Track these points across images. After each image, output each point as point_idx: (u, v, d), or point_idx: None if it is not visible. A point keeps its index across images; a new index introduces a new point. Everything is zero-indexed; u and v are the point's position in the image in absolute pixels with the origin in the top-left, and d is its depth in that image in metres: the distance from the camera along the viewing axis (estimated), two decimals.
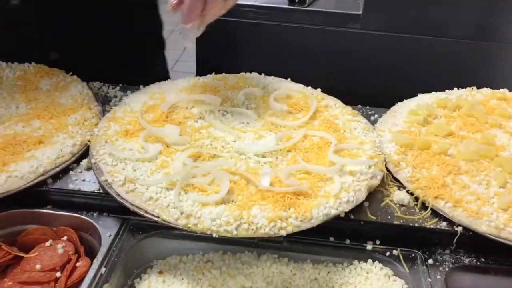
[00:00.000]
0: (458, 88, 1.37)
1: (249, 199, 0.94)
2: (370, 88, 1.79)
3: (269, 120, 1.19)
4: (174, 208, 0.92)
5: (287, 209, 0.92)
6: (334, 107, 1.24)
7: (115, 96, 1.31)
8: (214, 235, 0.89)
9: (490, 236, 0.93)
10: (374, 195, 1.03)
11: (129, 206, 0.94)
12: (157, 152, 1.06)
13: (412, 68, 1.93)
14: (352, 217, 0.97)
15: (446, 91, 1.36)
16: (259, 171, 1.02)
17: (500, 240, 0.93)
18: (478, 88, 1.37)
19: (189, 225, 0.90)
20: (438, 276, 0.91)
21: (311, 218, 0.92)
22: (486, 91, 1.36)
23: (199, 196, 0.94)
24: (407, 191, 1.03)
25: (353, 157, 1.06)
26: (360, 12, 2.00)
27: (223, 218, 0.90)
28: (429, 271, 0.92)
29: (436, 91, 1.37)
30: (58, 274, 0.92)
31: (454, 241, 0.96)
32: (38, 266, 0.92)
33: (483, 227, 0.94)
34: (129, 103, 1.21)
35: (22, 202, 1.00)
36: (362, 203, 0.99)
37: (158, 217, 0.92)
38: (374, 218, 0.98)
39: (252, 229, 0.89)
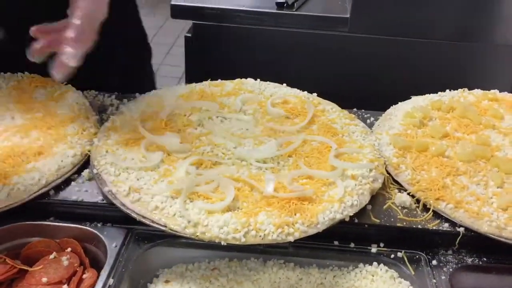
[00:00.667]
0: (450, 90, 1.39)
1: (254, 205, 0.95)
2: (361, 91, 1.81)
3: (267, 126, 1.19)
4: (180, 217, 0.92)
5: (293, 215, 0.93)
6: (330, 111, 1.26)
7: (111, 105, 1.30)
8: (223, 243, 0.89)
9: (492, 236, 0.96)
10: (376, 198, 1.04)
11: (136, 216, 0.94)
12: (159, 160, 1.05)
13: (401, 70, 1.96)
14: (356, 220, 0.98)
15: (439, 93, 1.38)
16: (262, 177, 1.02)
17: (501, 239, 0.95)
18: (469, 89, 1.40)
19: (197, 234, 0.90)
20: (443, 277, 0.93)
21: (317, 223, 0.93)
22: (477, 92, 1.38)
23: (204, 204, 0.95)
24: (408, 193, 1.05)
25: (353, 161, 1.07)
26: (348, 16, 2.02)
27: (230, 226, 0.90)
28: (434, 272, 0.94)
29: (426, 92, 1.39)
30: (64, 287, 0.91)
31: (457, 242, 0.97)
32: (44, 279, 0.91)
33: (484, 227, 0.96)
34: (127, 111, 1.20)
35: (24, 215, 0.99)
36: (365, 206, 1.00)
37: (165, 227, 0.92)
38: (377, 221, 0.99)
39: (260, 236, 0.90)
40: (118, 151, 1.07)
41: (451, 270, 0.95)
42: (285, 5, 2.06)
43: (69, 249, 0.98)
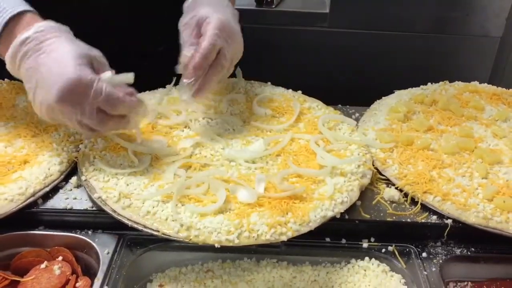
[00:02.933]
0: (431, 83, 1.41)
1: (246, 206, 0.95)
2: (344, 85, 1.83)
3: (254, 125, 1.20)
4: (173, 221, 0.92)
5: (285, 214, 0.94)
6: (316, 108, 1.27)
7: None
8: (217, 245, 0.89)
9: (479, 226, 0.98)
10: (365, 193, 1.05)
11: (127, 222, 0.94)
12: (147, 164, 1.05)
13: (383, 63, 1.99)
14: (346, 217, 0.99)
15: (421, 86, 1.40)
16: (251, 177, 1.03)
17: (488, 229, 0.97)
18: (450, 81, 1.42)
19: (191, 237, 0.90)
20: (433, 269, 0.95)
21: (309, 222, 0.94)
22: (458, 84, 1.41)
23: (196, 207, 0.95)
24: (396, 188, 1.06)
25: (341, 158, 1.09)
26: (327, 11, 2.04)
27: (223, 228, 0.90)
28: (424, 264, 0.96)
29: (408, 85, 1.41)
30: None
31: (445, 234, 0.99)
32: None
33: (471, 218, 0.98)
34: None
35: (13, 225, 0.98)
36: (355, 202, 1.02)
37: (158, 231, 0.92)
38: (367, 216, 1.00)
39: (253, 237, 0.90)
40: (105, 156, 1.06)
41: (440, 261, 0.97)
42: (264, 1, 2.07)
43: (60, 258, 0.97)
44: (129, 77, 0.98)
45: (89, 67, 0.92)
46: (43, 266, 0.95)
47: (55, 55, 0.91)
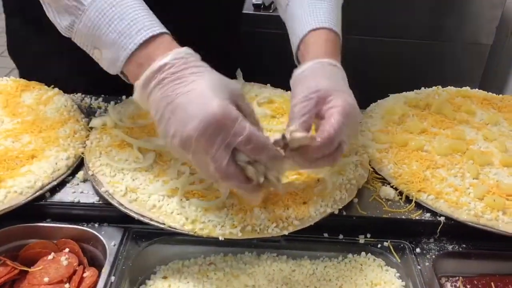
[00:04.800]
0: (425, 88, 1.46)
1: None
2: None
3: None
4: (178, 214, 0.96)
5: (286, 210, 0.98)
6: None
7: (99, 107, 1.32)
8: (221, 238, 0.93)
9: (471, 223, 1.02)
10: (362, 191, 1.09)
11: (134, 215, 0.97)
12: (152, 160, 1.08)
13: (376, 68, 2.04)
14: (344, 213, 1.03)
15: (415, 90, 1.45)
16: None
17: (479, 226, 1.02)
18: (442, 86, 1.47)
19: (196, 230, 0.94)
20: (427, 264, 0.99)
21: (309, 217, 0.98)
22: (450, 89, 1.46)
23: (200, 201, 0.98)
24: (391, 186, 1.11)
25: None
26: None
27: (227, 222, 0.94)
28: (418, 260, 1.00)
29: (402, 90, 1.46)
30: (66, 286, 0.93)
31: (438, 230, 1.04)
32: (46, 279, 0.93)
33: (463, 215, 1.03)
34: (117, 114, 1.22)
35: (21, 217, 1.01)
36: (352, 200, 1.06)
37: (164, 224, 0.95)
38: (364, 213, 1.04)
39: (256, 230, 0.94)
40: (111, 152, 1.09)
41: (433, 257, 1.01)
42: (262, 6, 2.11)
43: (67, 249, 1.00)
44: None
45: (232, 103, 0.83)
46: (50, 257, 0.98)
47: (197, 86, 0.82)
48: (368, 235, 1.04)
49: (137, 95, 0.88)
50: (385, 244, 1.03)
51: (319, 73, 0.98)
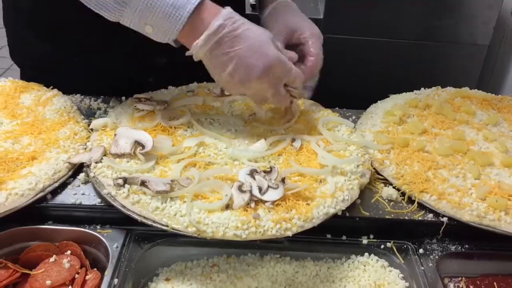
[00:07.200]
0: (424, 88, 1.46)
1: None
2: (338, 90, 1.86)
3: (255, 126, 1.23)
4: (181, 216, 0.95)
5: (289, 211, 0.97)
6: (315, 110, 1.31)
7: (99, 108, 1.31)
8: (225, 239, 0.92)
9: (473, 224, 1.02)
10: (364, 192, 1.09)
11: (137, 217, 0.96)
12: (153, 162, 1.08)
13: (375, 68, 2.04)
14: (347, 214, 1.03)
15: (415, 91, 1.45)
16: None
17: (482, 227, 1.02)
18: (442, 87, 1.47)
19: (199, 232, 0.93)
20: (430, 264, 0.99)
21: (313, 218, 0.98)
22: (450, 89, 1.46)
23: (203, 203, 0.98)
24: (394, 187, 1.11)
25: (341, 158, 1.12)
26: (321, 17, 2.08)
27: (231, 223, 0.94)
28: (421, 260, 1.00)
29: (402, 90, 1.46)
30: None
31: (441, 231, 1.04)
32: (48, 282, 0.92)
33: (466, 216, 1.03)
34: (117, 115, 1.22)
35: (22, 219, 1.00)
36: (355, 200, 1.06)
37: (167, 226, 0.94)
38: (367, 214, 1.04)
39: (260, 232, 0.94)
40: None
41: (437, 257, 1.01)
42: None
43: (68, 252, 0.99)
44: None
45: (276, 47, 1.07)
46: (52, 260, 0.98)
47: (252, 40, 1.03)
48: (371, 236, 1.04)
49: (198, 53, 1.05)
50: (388, 245, 1.03)
51: (282, 11, 1.29)
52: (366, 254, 1.03)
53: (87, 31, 1.27)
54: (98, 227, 1.02)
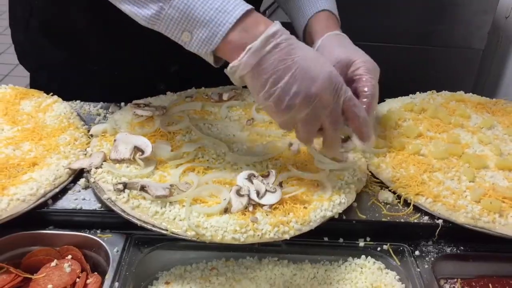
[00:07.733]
0: (420, 92, 1.48)
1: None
2: None
3: (253, 131, 1.25)
4: (181, 220, 0.96)
5: (286, 214, 0.99)
6: None
7: (99, 114, 1.33)
8: (224, 242, 0.94)
9: (468, 226, 1.04)
10: (361, 195, 1.11)
11: (137, 222, 0.98)
12: (152, 167, 1.09)
13: None
14: (344, 217, 1.05)
15: (410, 95, 1.47)
16: None
17: (477, 229, 1.04)
18: (437, 91, 1.49)
19: (198, 236, 0.94)
20: (426, 266, 1.01)
21: (310, 221, 0.99)
22: (445, 93, 1.48)
23: (202, 207, 0.99)
24: (390, 190, 1.12)
25: (338, 162, 1.14)
26: None
27: (229, 227, 0.95)
28: (417, 262, 1.02)
29: (398, 94, 1.48)
30: None
31: (436, 233, 1.05)
32: (50, 286, 0.94)
33: (461, 218, 1.04)
34: (116, 121, 1.23)
35: (23, 224, 1.01)
36: (351, 204, 1.07)
37: (167, 230, 0.96)
38: (364, 217, 1.06)
39: (258, 235, 0.95)
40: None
41: (432, 259, 1.02)
42: None
43: (69, 256, 1.01)
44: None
45: None
46: (53, 264, 0.99)
47: (307, 53, 0.94)
48: (368, 239, 1.06)
49: (243, 61, 0.92)
50: (385, 247, 1.05)
51: (334, 44, 1.18)
52: (363, 256, 1.05)
53: (100, 38, 1.28)
54: (98, 231, 1.03)
